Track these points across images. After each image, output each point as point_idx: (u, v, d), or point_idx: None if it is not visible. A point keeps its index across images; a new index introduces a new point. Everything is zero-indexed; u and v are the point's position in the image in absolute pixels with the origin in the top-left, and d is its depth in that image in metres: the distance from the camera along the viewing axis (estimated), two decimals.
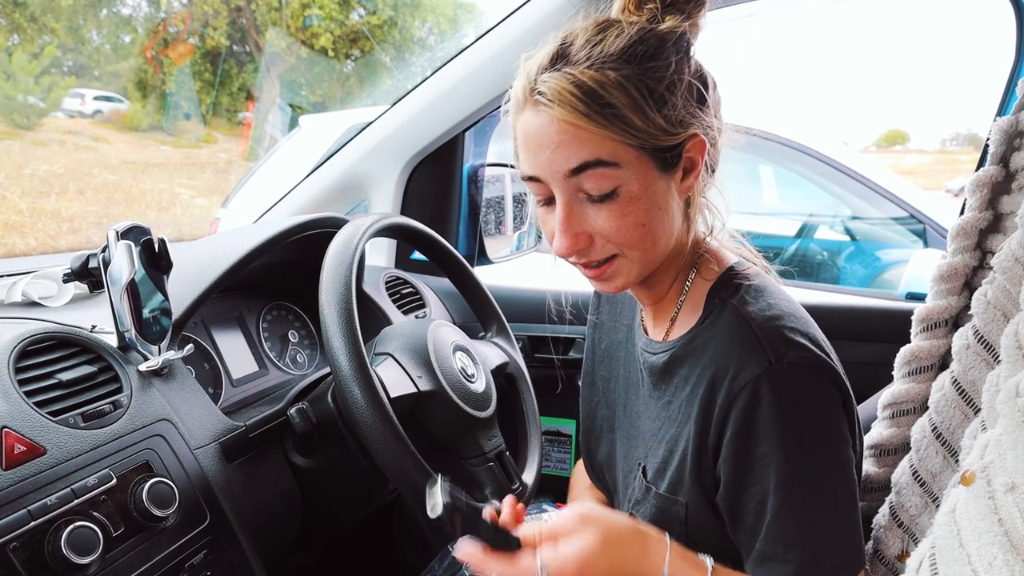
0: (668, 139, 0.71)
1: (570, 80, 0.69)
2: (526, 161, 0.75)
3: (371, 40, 11.17)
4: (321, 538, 1.09)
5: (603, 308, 1.02)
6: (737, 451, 0.72)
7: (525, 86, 0.73)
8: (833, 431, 0.72)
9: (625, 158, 0.71)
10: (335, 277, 0.88)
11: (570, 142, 0.70)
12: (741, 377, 0.71)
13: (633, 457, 0.89)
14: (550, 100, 0.69)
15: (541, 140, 0.71)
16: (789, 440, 0.70)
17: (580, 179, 0.71)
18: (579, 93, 0.68)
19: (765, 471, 0.71)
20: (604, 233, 0.74)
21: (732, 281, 0.79)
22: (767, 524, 0.71)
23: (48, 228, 5.66)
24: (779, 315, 0.74)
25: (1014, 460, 0.57)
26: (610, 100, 0.68)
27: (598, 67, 0.69)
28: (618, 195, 0.72)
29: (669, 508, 0.80)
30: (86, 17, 10.30)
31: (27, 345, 0.79)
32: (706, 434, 0.75)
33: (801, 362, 0.71)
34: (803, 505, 0.70)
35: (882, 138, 22.81)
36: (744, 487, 0.73)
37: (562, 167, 0.71)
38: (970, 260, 0.94)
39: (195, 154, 9.49)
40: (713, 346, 0.75)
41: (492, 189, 1.69)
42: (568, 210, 0.73)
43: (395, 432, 0.82)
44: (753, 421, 0.71)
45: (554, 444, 1.62)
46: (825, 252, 3.05)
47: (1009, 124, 0.91)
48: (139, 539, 0.75)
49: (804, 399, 0.71)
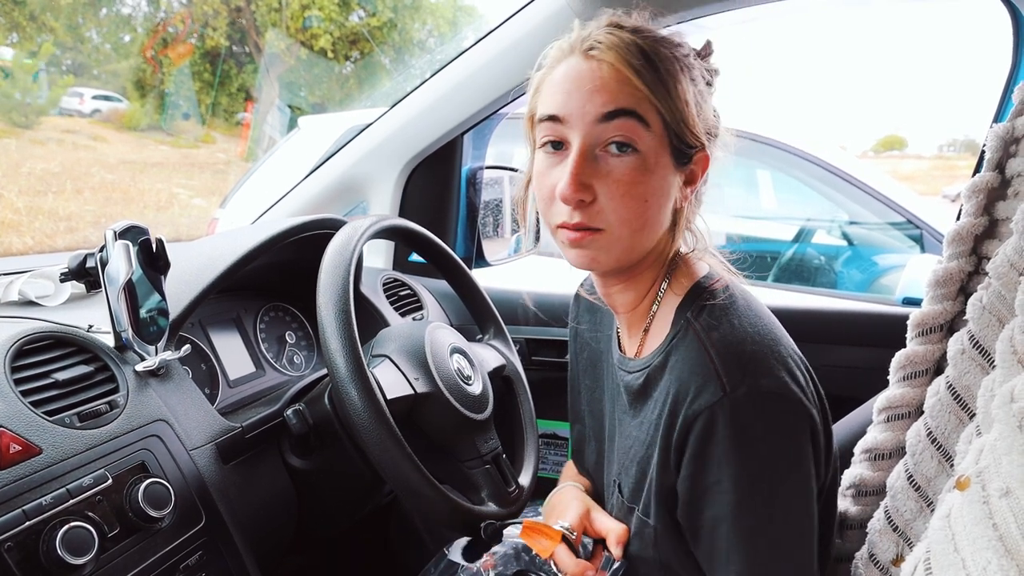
0: (690, 136, 0.74)
1: (631, 38, 0.72)
2: (554, 101, 0.75)
3: (371, 42, 11.17)
4: (317, 540, 1.09)
5: (582, 316, 1.02)
6: (692, 474, 0.72)
7: (577, 39, 0.75)
8: (788, 459, 0.71)
9: (655, 126, 0.73)
10: (333, 279, 0.88)
11: (614, 88, 0.72)
12: (697, 404, 0.71)
13: (611, 472, 0.90)
14: (607, 48, 0.72)
15: (583, 82, 0.72)
16: (741, 470, 0.70)
17: (608, 127, 0.72)
18: (635, 50, 0.72)
19: (718, 498, 0.71)
20: (608, 192, 0.73)
21: (698, 300, 0.78)
22: (721, 551, 0.72)
23: (45, 227, 5.65)
24: (740, 340, 0.73)
25: (1009, 465, 0.57)
26: (662, 67, 0.72)
27: (658, 40, 0.74)
28: (636, 154, 0.73)
29: (643, 529, 0.81)
30: (85, 16, 10.29)
31: (23, 344, 0.79)
32: (667, 457, 0.75)
33: (757, 392, 0.70)
34: (752, 535, 0.70)
35: (880, 143, 22.85)
36: (699, 510, 0.73)
37: (597, 109, 0.72)
38: (966, 265, 0.95)
39: (194, 154, 9.47)
40: (677, 369, 0.75)
41: (490, 192, 1.69)
42: (583, 157, 0.73)
43: (391, 434, 0.82)
44: (707, 448, 0.71)
45: (551, 447, 1.62)
46: (822, 257, 3.06)
47: (1005, 130, 0.91)
48: (134, 540, 0.75)
49: (758, 429, 0.70)
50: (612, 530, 0.86)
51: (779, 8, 1.30)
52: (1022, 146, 0.90)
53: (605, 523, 0.88)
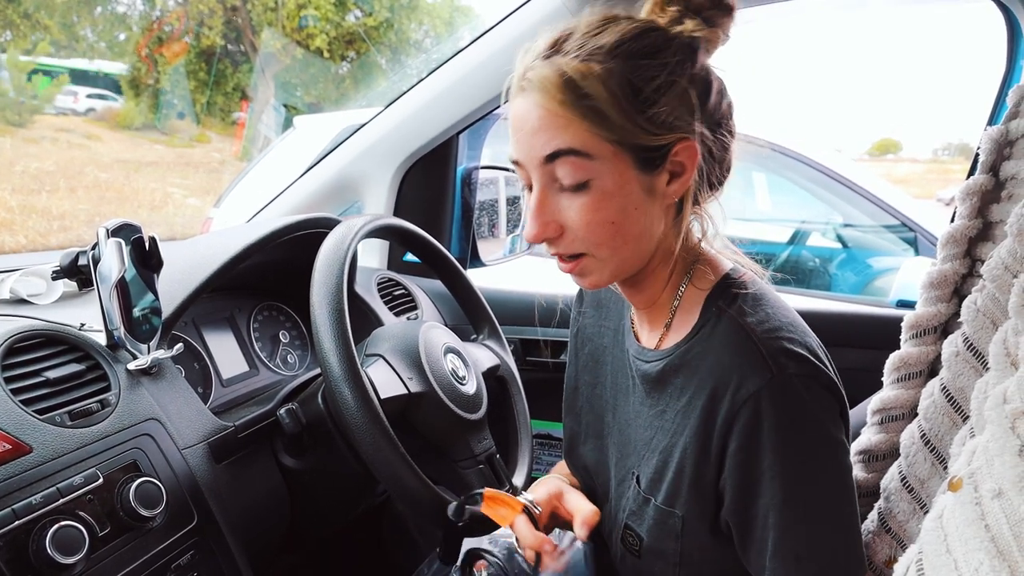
0: (650, 139, 0.71)
1: (554, 69, 0.70)
2: (512, 145, 0.76)
3: (367, 42, 11.16)
4: (309, 539, 1.08)
5: (587, 309, 1.01)
6: (741, 464, 0.72)
7: (519, 72, 0.74)
8: (834, 440, 0.72)
9: (600, 152, 0.71)
10: (327, 278, 0.87)
11: (547, 128, 0.71)
12: (744, 390, 0.71)
13: (625, 465, 0.88)
14: (533, 86, 0.71)
15: (523, 124, 0.73)
16: (793, 453, 0.70)
17: (554, 167, 0.72)
18: (560, 82, 0.69)
19: (771, 485, 0.70)
20: (573, 227, 0.74)
21: (729, 290, 0.78)
22: (775, 539, 0.71)
23: (38, 226, 5.63)
24: (778, 326, 0.74)
25: (1001, 466, 0.57)
26: (589, 91, 0.69)
27: (584, 58, 0.70)
28: (590, 188, 0.72)
29: (666, 520, 0.79)
30: (80, 14, 10.26)
31: (14, 343, 0.79)
32: (707, 447, 0.74)
33: (802, 374, 0.71)
34: (810, 518, 0.70)
35: (875, 147, 22.95)
36: (751, 501, 0.72)
37: (538, 152, 0.72)
38: (960, 268, 0.95)
39: (188, 153, 9.45)
40: (712, 357, 0.75)
41: (486, 192, 1.69)
42: (541, 197, 0.74)
43: (385, 434, 0.82)
44: (757, 434, 0.70)
45: (544, 447, 1.62)
46: (817, 259, 3.07)
47: (999, 133, 0.92)
48: (125, 539, 0.75)
49: (807, 411, 0.71)
50: (581, 510, 0.87)
51: (776, 9, 1.30)
52: (1016, 149, 0.90)
53: (576, 503, 0.89)
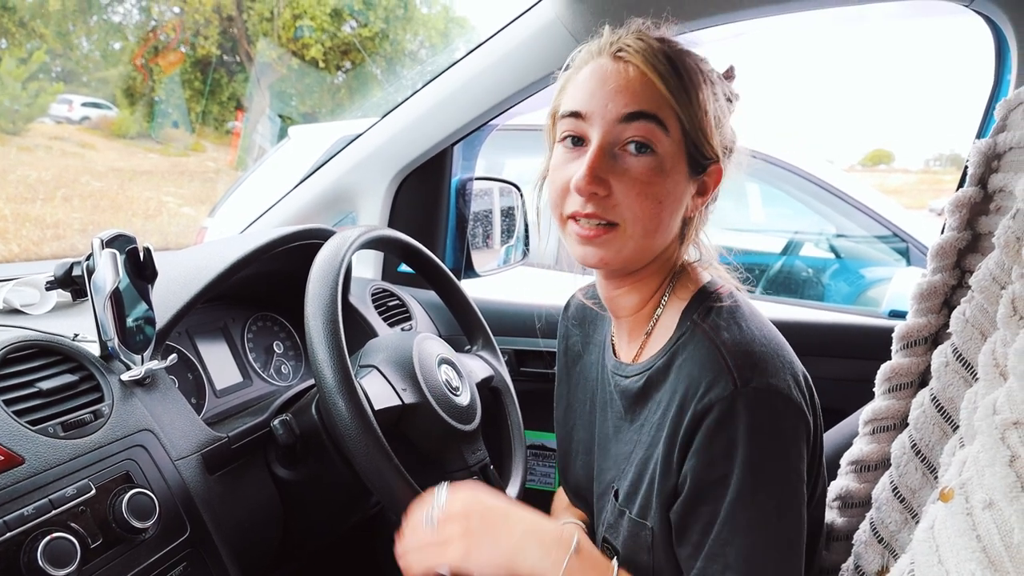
0: (707, 147, 0.77)
1: (658, 45, 0.75)
2: (578, 98, 0.77)
3: (362, 52, 11.19)
4: (303, 551, 1.08)
5: (571, 325, 1.02)
6: (694, 469, 0.72)
7: (606, 42, 0.78)
8: (788, 457, 0.72)
9: (674, 132, 0.75)
10: (321, 288, 0.88)
11: (638, 91, 0.74)
12: (708, 398, 0.71)
13: (605, 480, 0.89)
14: (635, 52, 0.74)
15: (607, 82, 0.75)
16: (746, 465, 0.70)
17: (628, 127, 0.74)
18: (662, 56, 0.74)
19: (719, 492, 0.71)
20: (623, 189, 0.75)
21: (705, 302, 0.79)
22: (710, 543, 0.71)
23: (32, 234, 5.61)
24: (749, 339, 0.75)
25: (991, 477, 0.57)
26: (687, 75, 0.74)
27: (684, 51, 0.77)
28: (654, 155, 0.75)
29: (639, 532, 0.80)
30: (75, 23, 10.26)
31: (7, 353, 0.78)
32: (671, 454, 0.75)
33: (764, 388, 0.71)
34: (748, 530, 0.70)
35: (867, 157, 23.07)
36: (697, 504, 0.73)
37: (619, 109, 0.74)
38: (949, 279, 0.96)
39: (183, 163, 9.44)
40: (686, 367, 0.76)
41: (480, 203, 1.70)
42: (600, 153, 0.75)
43: (379, 445, 0.82)
44: (715, 442, 0.71)
45: (538, 458, 1.62)
46: (810, 269, 3.08)
47: (987, 146, 0.93)
48: (117, 551, 0.74)
49: (764, 426, 0.71)
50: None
51: (769, 24, 1.31)
52: (1004, 162, 0.91)
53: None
